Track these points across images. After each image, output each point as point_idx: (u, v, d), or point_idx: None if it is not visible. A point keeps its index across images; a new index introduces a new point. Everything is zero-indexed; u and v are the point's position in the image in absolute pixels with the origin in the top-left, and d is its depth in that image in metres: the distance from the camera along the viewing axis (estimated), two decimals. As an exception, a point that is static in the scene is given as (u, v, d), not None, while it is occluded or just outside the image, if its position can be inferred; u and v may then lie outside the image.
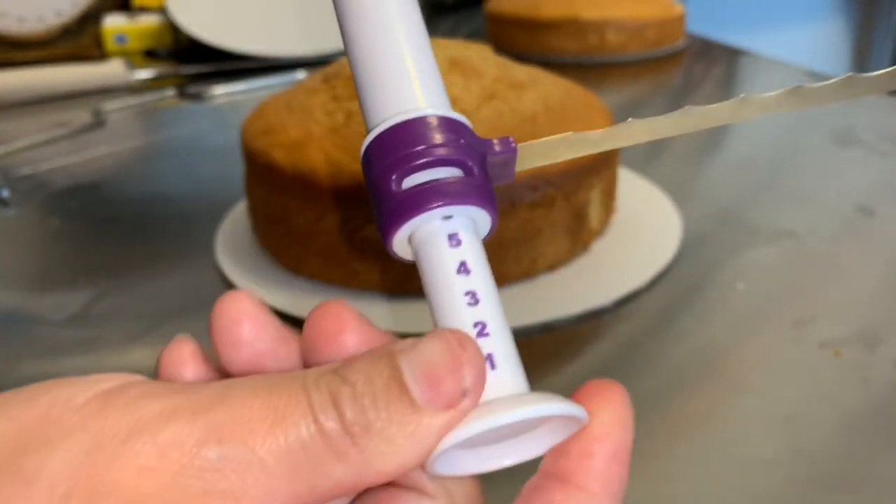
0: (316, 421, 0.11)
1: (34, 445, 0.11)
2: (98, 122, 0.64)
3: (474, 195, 0.15)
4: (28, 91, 0.70)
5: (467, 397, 0.12)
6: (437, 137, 0.15)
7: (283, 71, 0.74)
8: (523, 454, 0.14)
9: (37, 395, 0.12)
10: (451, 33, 0.91)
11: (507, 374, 0.13)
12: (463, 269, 0.15)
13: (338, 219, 0.35)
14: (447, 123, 0.16)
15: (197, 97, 0.70)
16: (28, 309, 0.38)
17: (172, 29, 0.83)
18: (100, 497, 0.10)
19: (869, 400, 0.30)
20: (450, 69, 0.36)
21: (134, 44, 0.83)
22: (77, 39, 0.80)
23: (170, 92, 0.71)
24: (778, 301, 0.36)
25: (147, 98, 0.69)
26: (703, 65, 0.76)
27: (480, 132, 0.39)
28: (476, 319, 0.14)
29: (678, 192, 0.45)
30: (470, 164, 0.15)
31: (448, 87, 0.39)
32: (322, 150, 0.34)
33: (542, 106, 0.37)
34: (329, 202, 0.35)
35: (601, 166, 0.38)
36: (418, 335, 0.13)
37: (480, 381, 0.13)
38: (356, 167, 0.34)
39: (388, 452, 0.12)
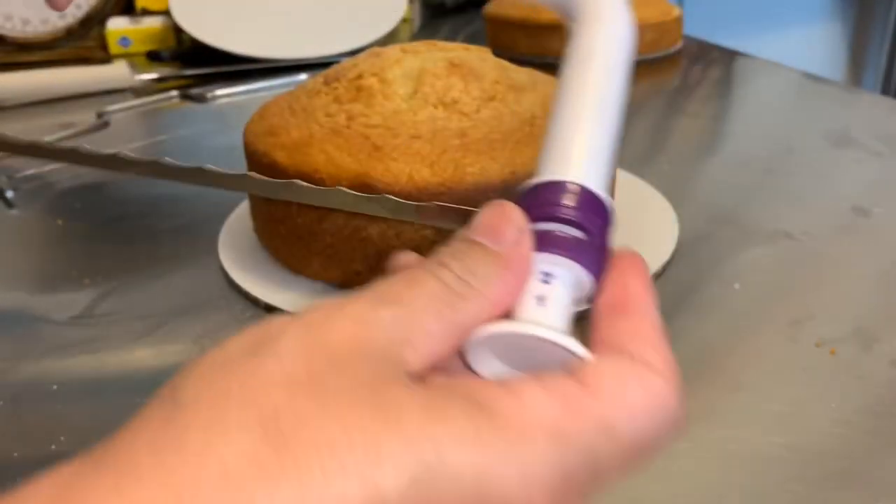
0: (437, 277, 0.16)
1: (264, 340, 0.15)
2: (102, 124, 0.64)
3: (577, 253, 0.18)
4: (32, 93, 0.70)
5: (523, 231, 0.18)
6: (568, 201, 0.18)
7: (285, 73, 0.74)
8: None
9: (239, 333, 0.16)
10: (451, 36, 0.92)
11: (551, 313, 0.17)
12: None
13: (339, 219, 0.35)
14: (583, 192, 0.19)
15: (200, 99, 0.70)
16: (32, 308, 0.39)
17: (175, 31, 0.84)
18: (332, 352, 0.15)
19: (864, 398, 0.30)
20: (449, 72, 0.37)
21: (137, 46, 0.84)
22: (81, 42, 0.80)
23: (173, 94, 0.71)
24: (774, 300, 0.37)
25: (150, 100, 0.70)
26: (701, 67, 0.77)
27: (480, 134, 0.39)
28: (543, 269, 0.18)
29: (675, 193, 0.46)
30: (587, 226, 0.18)
31: (447, 89, 0.39)
32: (324, 152, 0.35)
33: (541, 108, 0.37)
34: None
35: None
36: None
37: (525, 222, 0.18)
38: (357, 168, 0.34)
39: (491, 285, 0.17)
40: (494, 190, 0.34)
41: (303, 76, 0.74)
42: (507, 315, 0.17)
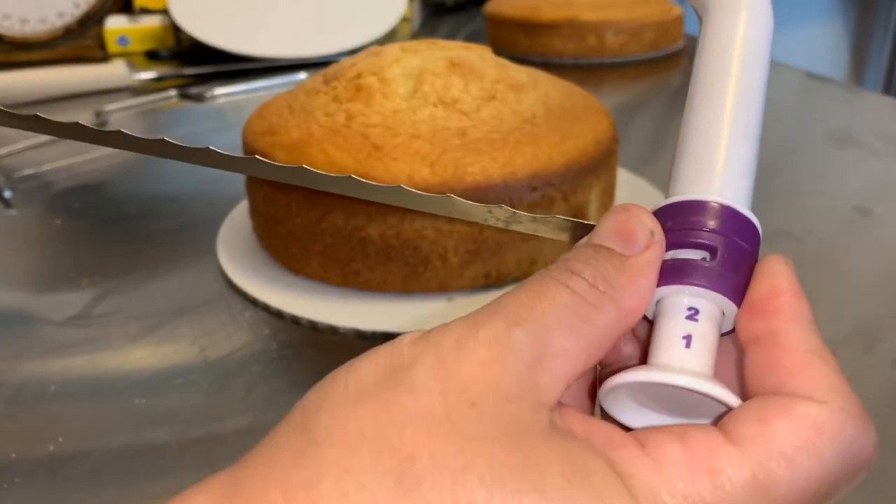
0: (568, 287, 0.15)
1: (397, 369, 0.14)
2: (100, 123, 0.64)
3: (724, 286, 0.15)
4: (30, 92, 0.70)
5: (655, 234, 0.16)
6: (711, 223, 0.16)
7: (284, 72, 0.74)
8: None
9: (371, 354, 0.15)
10: (451, 35, 0.91)
11: (697, 356, 0.15)
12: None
13: (339, 219, 0.35)
14: (728, 213, 0.16)
15: (198, 98, 0.70)
16: (30, 309, 0.38)
17: (174, 30, 0.84)
18: (467, 388, 0.14)
19: (867, 399, 0.30)
20: (449, 71, 0.37)
21: (136, 45, 0.84)
22: (79, 41, 0.80)
23: (171, 93, 0.71)
24: (776, 301, 0.37)
25: (149, 99, 0.70)
26: (703, 66, 0.77)
27: (480, 133, 0.39)
28: (689, 304, 0.16)
29: (677, 193, 0.46)
30: (735, 253, 0.16)
31: (448, 88, 0.39)
32: (323, 151, 0.35)
33: (541, 107, 0.37)
34: (330, 203, 0.35)
35: (600, 167, 0.38)
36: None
37: (657, 224, 0.16)
38: (357, 168, 0.34)
39: (625, 292, 0.15)
40: (495, 190, 0.34)
41: (302, 75, 0.74)
42: (645, 350, 0.16)
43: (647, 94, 0.69)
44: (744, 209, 0.16)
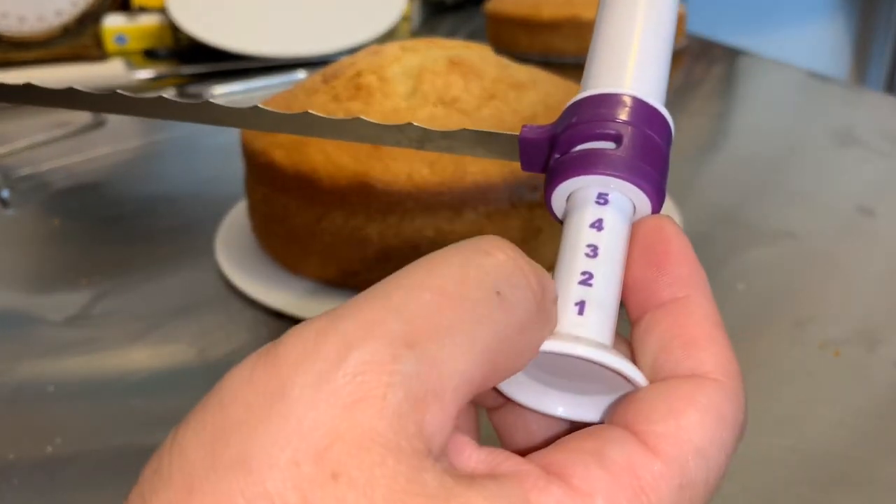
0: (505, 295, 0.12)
1: (230, 433, 0.11)
2: (98, 123, 0.64)
3: (632, 173, 0.15)
4: (28, 91, 0.70)
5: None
6: (616, 113, 0.15)
7: (282, 71, 0.74)
8: (576, 411, 0.15)
9: (197, 414, 0.11)
10: (451, 34, 0.91)
11: (591, 322, 0.14)
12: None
13: (338, 219, 0.35)
14: (635, 104, 0.16)
15: (197, 97, 0.70)
16: (28, 309, 0.38)
17: (172, 29, 0.83)
18: (326, 452, 0.10)
19: (868, 400, 0.30)
20: (450, 69, 0.36)
21: (134, 44, 0.84)
22: (77, 39, 0.80)
23: (170, 92, 0.71)
24: (778, 301, 0.36)
25: (147, 98, 0.69)
26: (704, 65, 0.77)
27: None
28: (585, 269, 0.15)
29: (678, 192, 0.46)
30: (634, 143, 0.15)
31: (447, 87, 0.39)
32: (322, 150, 0.34)
33: (542, 106, 0.37)
34: (329, 202, 0.35)
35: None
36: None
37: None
38: (356, 167, 0.34)
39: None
40: (495, 189, 0.34)
41: (301, 74, 0.74)
42: None
43: (648, 93, 0.69)
44: (653, 101, 0.16)
